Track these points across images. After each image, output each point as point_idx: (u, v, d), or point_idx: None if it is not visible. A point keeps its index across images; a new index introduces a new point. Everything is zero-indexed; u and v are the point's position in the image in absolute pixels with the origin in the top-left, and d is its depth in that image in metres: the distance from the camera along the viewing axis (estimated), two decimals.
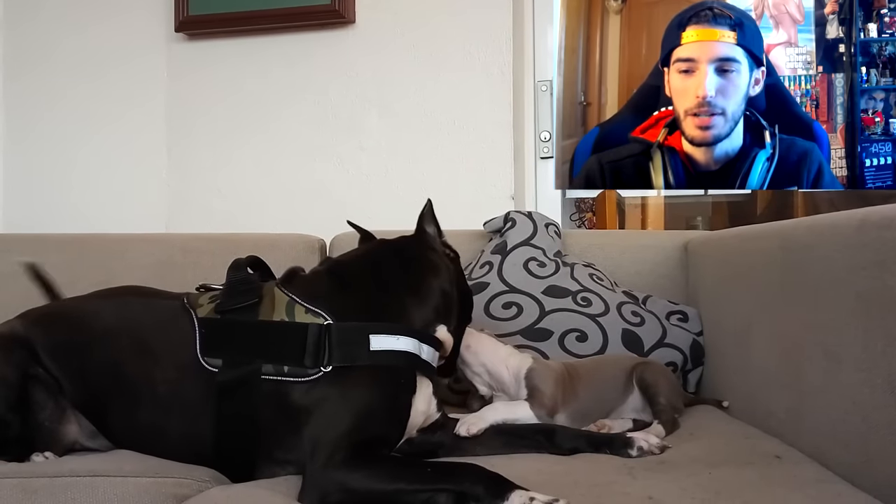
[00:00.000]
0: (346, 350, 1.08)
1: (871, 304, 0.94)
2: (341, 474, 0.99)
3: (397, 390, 1.11)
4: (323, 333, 1.08)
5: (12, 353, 1.22)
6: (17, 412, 1.20)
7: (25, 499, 1.00)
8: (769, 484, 0.98)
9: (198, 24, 2.33)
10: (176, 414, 1.14)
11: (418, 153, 2.25)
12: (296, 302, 1.13)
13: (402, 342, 1.11)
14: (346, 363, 1.07)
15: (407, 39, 2.25)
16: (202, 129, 2.38)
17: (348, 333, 1.09)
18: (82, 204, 2.44)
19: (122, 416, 1.20)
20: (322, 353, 1.07)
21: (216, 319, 1.14)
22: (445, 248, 1.35)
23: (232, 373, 1.09)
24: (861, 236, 0.97)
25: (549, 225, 1.81)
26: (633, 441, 1.17)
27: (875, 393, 0.93)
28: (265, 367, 1.07)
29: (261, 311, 1.13)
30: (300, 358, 1.07)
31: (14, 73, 2.50)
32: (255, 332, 1.11)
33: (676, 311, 1.71)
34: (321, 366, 1.06)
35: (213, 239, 1.90)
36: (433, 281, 1.25)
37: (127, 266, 1.80)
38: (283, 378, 1.07)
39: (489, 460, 1.11)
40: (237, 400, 1.08)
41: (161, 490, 1.03)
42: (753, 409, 1.33)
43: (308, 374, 1.06)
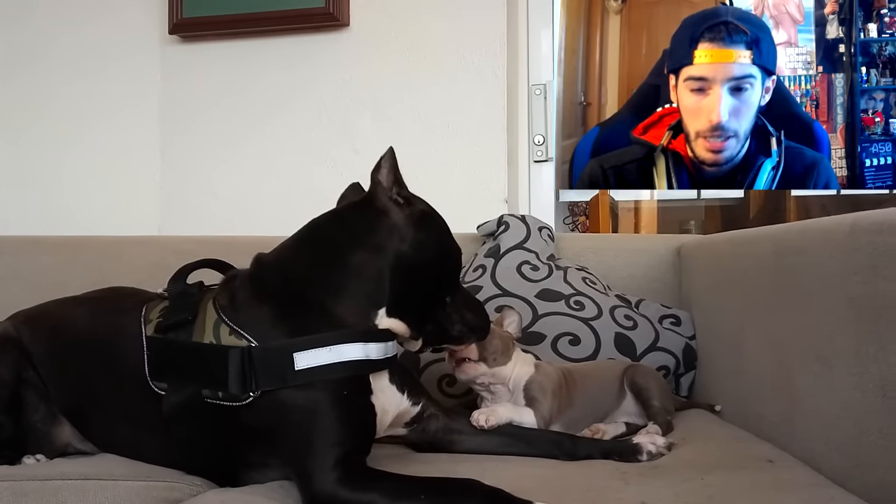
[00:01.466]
0: (271, 374, 1.02)
1: (863, 309, 0.94)
2: (340, 495, 0.96)
3: (347, 399, 1.05)
4: (245, 358, 1.02)
5: (6, 354, 1.22)
6: (10, 413, 1.19)
7: (16, 502, 1.00)
8: (761, 488, 0.98)
9: (192, 26, 2.32)
10: (143, 429, 1.13)
11: (412, 156, 2.23)
12: (222, 321, 1.07)
13: (333, 353, 1.03)
14: (274, 387, 1.02)
15: (401, 42, 2.25)
16: (196, 132, 2.38)
17: (271, 356, 1.03)
18: (75, 206, 2.43)
19: (100, 426, 1.21)
20: (248, 378, 1.02)
21: (158, 339, 1.11)
22: (395, 199, 1.13)
23: (176, 397, 1.06)
24: (853, 241, 0.97)
25: (542, 228, 1.81)
26: (641, 447, 1.17)
27: (867, 397, 0.94)
28: (203, 391, 1.04)
29: (195, 329, 1.08)
30: (226, 385, 1.02)
31: (6, 74, 2.49)
32: (189, 356, 1.08)
33: (669, 314, 1.71)
34: (250, 391, 1.02)
35: (207, 242, 1.89)
36: (359, 257, 1.10)
37: (120, 268, 1.79)
38: (221, 402, 1.03)
39: (483, 464, 1.12)
40: (188, 422, 1.07)
41: (152, 494, 1.03)
42: (746, 413, 1.33)
43: (241, 399, 1.02)
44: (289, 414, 1.03)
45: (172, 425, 1.07)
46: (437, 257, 1.16)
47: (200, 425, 1.06)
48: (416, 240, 1.12)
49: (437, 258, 1.16)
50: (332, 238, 1.14)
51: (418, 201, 1.17)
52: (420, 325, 1.16)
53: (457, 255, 1.23)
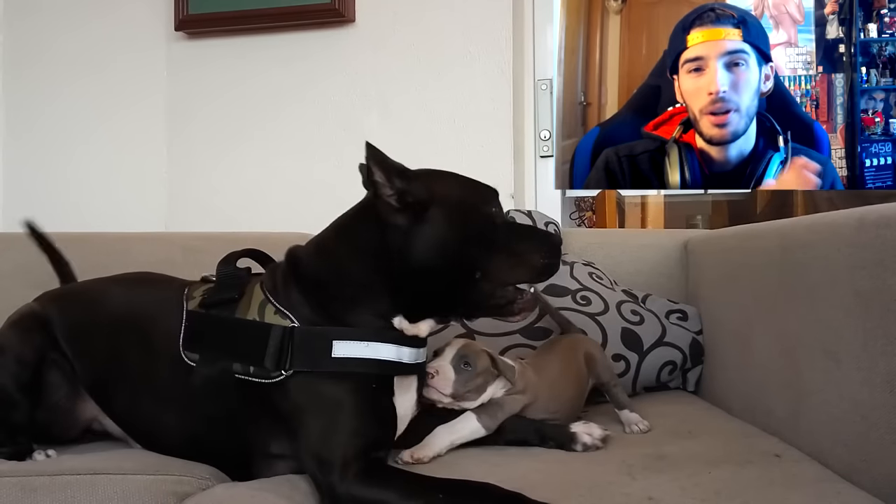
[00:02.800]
0: (307, 356, 1.05)
1: (871, 303, 0.94)
2: (357, 490, 0.97)
3: (374, 394, 1.06)
4: (286, 336, 1.06)
5: (31, 333, 1.25)
6: (27, 394, 1.21)
7: (25, 497, 1.00)
8: (769, 483, 0.98)
9: (197, 22, 2.32)
10: (169, 405, 1.15)
11: (418, 152, 2.25)
12: (268, 301, 1.10)
13: (370, 348, 1.06)
14: (307, 368, 1.05)
15: (407, 38, 2.25)
16: (202, 128, 2.38)
17: (311, 338, 1.06)
18: (82, 202, 2.44)
19: (124, 401, 1.22)
20: (284, 356, 1.05)
21: (199, 313, 1.14)
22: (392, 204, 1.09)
23: (207, 368, 1.09)
24: (860, 235, 0.97)
25: (548, 224, 1.81)
26: (578, 437, 1.19)
27: (874, 392, 0.93)
28: (234, 365, 1.07)
29: (239, 307, 1.12)
30: (261, 359, 1.05)
31: (14, 71, 2.50)
32: (228, 330, 1.11)
33: (676, 309, 1.71)
34: (282, 369, 1.05)
35: (213, 238, 1.90)
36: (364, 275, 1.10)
37: (127, 265, 1.78)
38: (251, 378, 1.06)
39: (490, 459, 1.12)
40: (215, 395, 1.09)
41: (161, 488, 1.03)
42: (753, 407, 1.33)
43: (271, 377, 1.05)
44: (315, 399, 1.04)
45: (199, 398, 1.09)
46: (450, 244, 1.09)
47: (225, 401, 1.09)
48: (422, 240, 1.08)
49: (451, 244, 1.09)
50: (339, 252, 1.14)
51: (418, 187, 1.10)
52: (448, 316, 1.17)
53: (481, 220, 1.13)
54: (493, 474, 1.01)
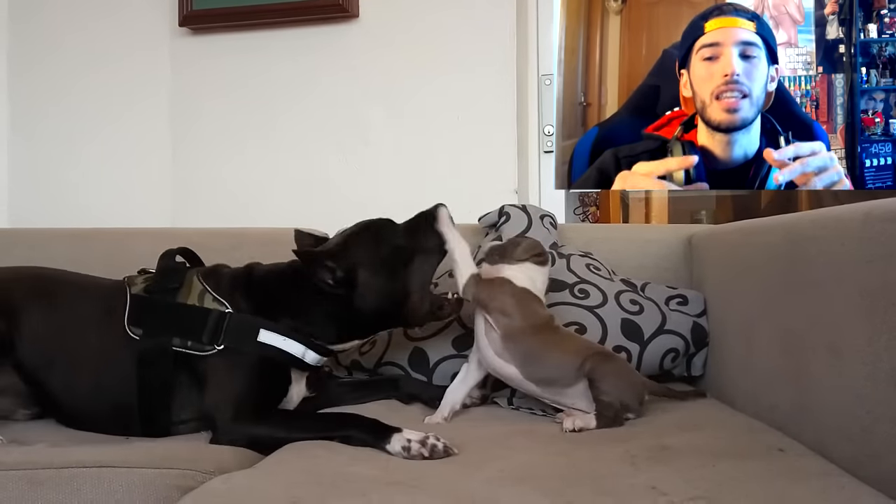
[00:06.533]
0: (236, 335, 1.33)
1: (876, 298, 0.94)
2: (247, 427, 1.26)
3: (273, 374, 1.36)
4: (222, 319, 1.34)
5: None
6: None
7: (31, 490, 1.01)
8: (772, 476, 0.98)
9: (202, 18, 2.33)
10: (109, 374, 1.34)
11: (422, 147, 2.25)
12: (207, 291, 1.38)
13: (286, 344, 1.35)
14: (235, 346, 1.33)
15: (411, 33, 2.25)
16: (207, 124, 2.39)
17: (243, 323, 1.34)
18: (88, 198, 2.45)
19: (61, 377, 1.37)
20: (218, 334, 1.32)
21: (143, 297, 1.39)
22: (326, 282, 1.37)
23: (149, 341, 1.34)
24: (866, 229, 0.96)
25: (544, 217, 1.81)
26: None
27: (879, 386, 0.93)
28: (174, 339, 1.33)
29: (180, 294, 1.38)
30: (200, 335, 1.32)
31: (20, 68, 2.51)
32: (172, 311, 1.37)
33: (675, 294, 1.69)
34: (216, 344, 1.32)
35: (219, 234, 1.90)
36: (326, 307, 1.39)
37: (132, 260, 1.78)
38: (187, 350, 1.32)
39: (491, 451, 1.12)
40: (153, 363, 1.33)
41: (166, 481, 1.04)
42: (757, 401, 1.33)
43: (205, 350, 1.32)
44: (230, 364, 1.32)
45: (139, 366, 1.32)
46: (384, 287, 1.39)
47: (161, 370, 1.33)
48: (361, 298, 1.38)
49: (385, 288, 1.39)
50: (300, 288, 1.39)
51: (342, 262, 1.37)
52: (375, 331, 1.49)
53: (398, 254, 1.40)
54: (496, 466, 1.02)
